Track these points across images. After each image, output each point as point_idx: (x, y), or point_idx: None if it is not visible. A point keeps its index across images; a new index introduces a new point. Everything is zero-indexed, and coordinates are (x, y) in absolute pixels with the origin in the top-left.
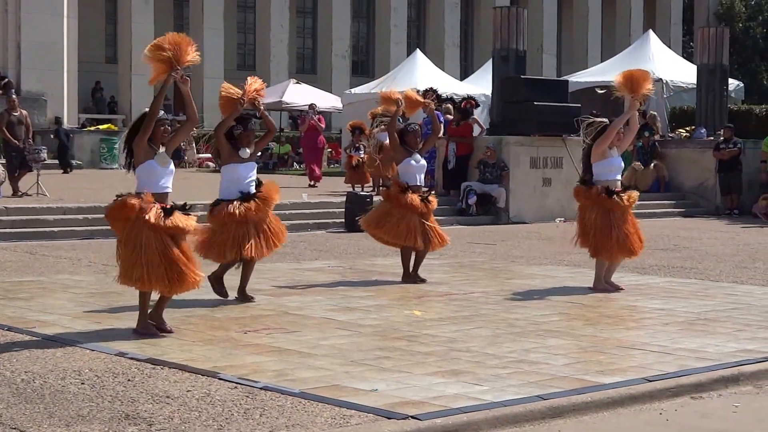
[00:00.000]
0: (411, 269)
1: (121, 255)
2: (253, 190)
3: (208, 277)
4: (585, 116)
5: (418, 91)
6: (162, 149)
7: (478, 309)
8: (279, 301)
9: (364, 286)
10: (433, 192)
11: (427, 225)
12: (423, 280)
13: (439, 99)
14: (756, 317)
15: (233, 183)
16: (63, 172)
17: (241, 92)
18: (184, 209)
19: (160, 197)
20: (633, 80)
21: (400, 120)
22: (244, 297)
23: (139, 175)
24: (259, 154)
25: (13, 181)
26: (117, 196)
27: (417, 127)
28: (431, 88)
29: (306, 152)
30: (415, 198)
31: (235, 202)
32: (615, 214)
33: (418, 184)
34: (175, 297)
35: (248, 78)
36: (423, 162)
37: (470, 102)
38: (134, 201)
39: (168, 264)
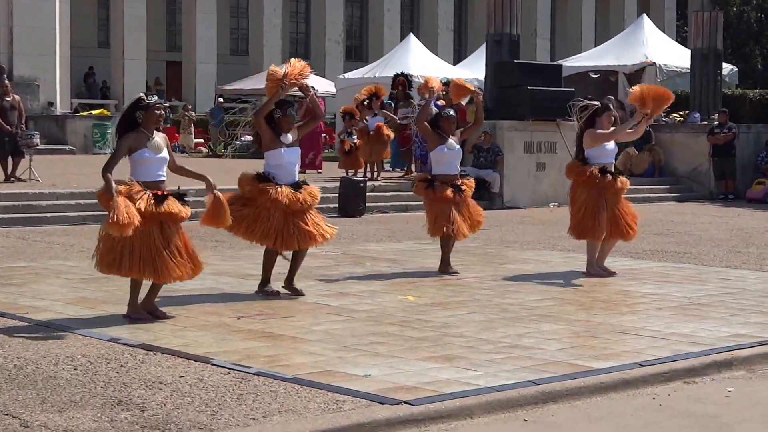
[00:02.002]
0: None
1: (105, 239)
2: (297, 178)
3: (258, 291)
4: (578, 99)
5: (402, 75)
6: (155, 137)
7: (472, 294)
8: (272, 286)
9: (358, 272)
10: (468, 175)
11: (464, 212)
12: (455, 273)
13: (410, 84)
14: (749, 302)
15: (279, 168)
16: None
17: (282, 74)
18: (181, 197)
19: (155, 185)
20: (654, 98)
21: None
22: (292, 289)
23: (132, 164)
24: (251, 139)
25: (4, 166)
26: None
27: (452, 112)
28: (402, 73)
29: (302, 139)
30: (444, 189)
31: (284, 187)
32: (607, 195)
33: (453, 172)
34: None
35: (291, 59)
36: (458, 149)
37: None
38: (121, 188)
39: (153, 253)
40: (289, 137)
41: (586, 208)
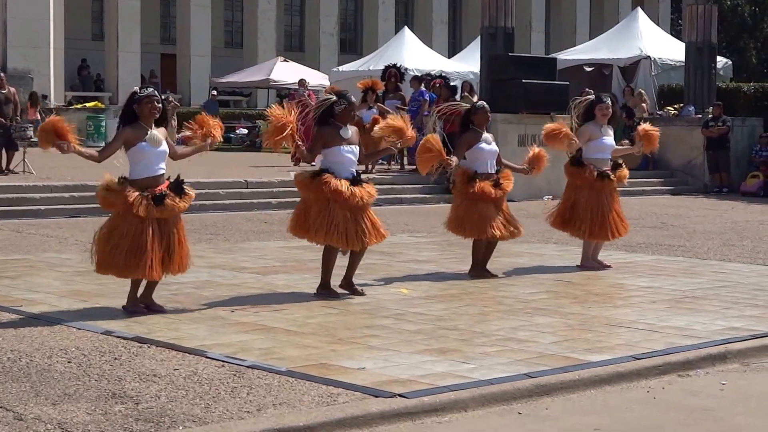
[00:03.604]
0: (482, 262)
1: (100, 238)
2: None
3: (317, 293)
4: (577, 97)
5: (394, 67)
6: (154, 129)
7: (466, 287)
8: (266, 279)
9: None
10: (500, 169)
11: (504, 213)
12: (494, 276)
13: (402, 76)
14: (743, 295)
15: (338, 165)
16: None
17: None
18: (180, 188)
19: (155, 180)
20: (649, 139)
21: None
22: (352, 289)
23: (130, 159)
24: (246, 132)
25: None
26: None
27: (485, 104)
28: (394, 65)
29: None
30: (486, 186)
31: (343, 181)
32: (606, 196)
33: (490, 171)
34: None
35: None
36: (494, 146)
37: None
38: (118, 192)
39: (150, 251)
40: (349, 131)
41: (591, 210)
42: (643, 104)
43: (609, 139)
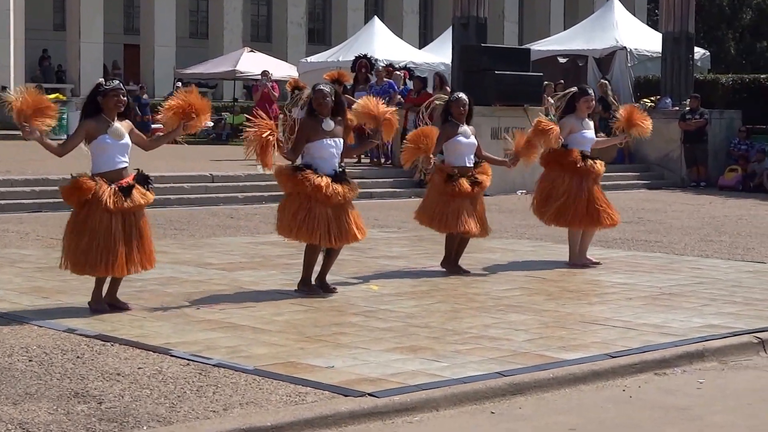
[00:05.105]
0: (454, 258)
1: (70, 240)
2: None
3: (298, 289)
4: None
5: (364, 58)
6: (116, 123)
7: (437, 283)
8: (232, 275)
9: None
10: (480, 163)
11: (478, 211)
12: (467, 272)
13: (372, 67)
14: (721, 291)
15: (321, 161)
16: None
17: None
18: (146, 181)
19: (117, 173)
20: (631, 118)
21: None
22: (325, 286)
23: (92, 152)
24: (212, 124)
25: None
26: (72, 175)
27: (462, 95)
28: (364, 55)
29: None
30: (464, 183)
31: (325, 178)
32: (588, 182)
33: (467, 165)
34: None
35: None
36: (473, 139)
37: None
38: (90, 185)
39: (120, 247)
40: (331, 123)
41: (568, 195)
42: (609, 97)
43: (590, 132)
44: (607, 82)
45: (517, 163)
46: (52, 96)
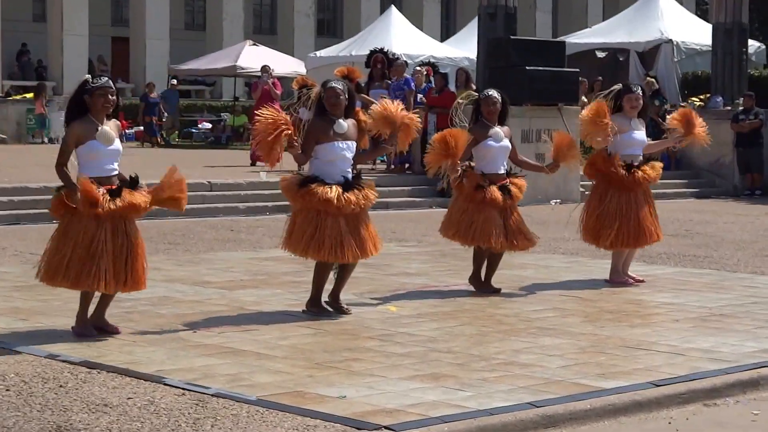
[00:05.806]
0: (484, 276)
1: (50, 245)
2: (350, 176)
3: (304, 310)
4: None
5: (380, 52)
6: (105, 126)
7: (462, 304)
8: (233, 294)
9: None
10: (517, 174)
11: (512, 221)
12: (496, 290)
13: (390, 61)
14: None
15: (330, 165)
16: None
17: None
18: (135, 184)
19: (106, 181)
20: (690, 122)
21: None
22: (337, 306)
23: (79, 157)
24: (209, 126)
25: None
26: (56, 189)
27: (493, 92)
28: (380, 49)
29: None
30: (494, 192)
31: (335, 188)
32: (637, 195)
33: (499, 171)
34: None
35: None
36: (506, 142)
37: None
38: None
39: (107, 258)
40: (343, 125)
41: (620, 217)
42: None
43: (640, 133)
44: (653, 79)
45: (556, 169)
46: (32, 95)
